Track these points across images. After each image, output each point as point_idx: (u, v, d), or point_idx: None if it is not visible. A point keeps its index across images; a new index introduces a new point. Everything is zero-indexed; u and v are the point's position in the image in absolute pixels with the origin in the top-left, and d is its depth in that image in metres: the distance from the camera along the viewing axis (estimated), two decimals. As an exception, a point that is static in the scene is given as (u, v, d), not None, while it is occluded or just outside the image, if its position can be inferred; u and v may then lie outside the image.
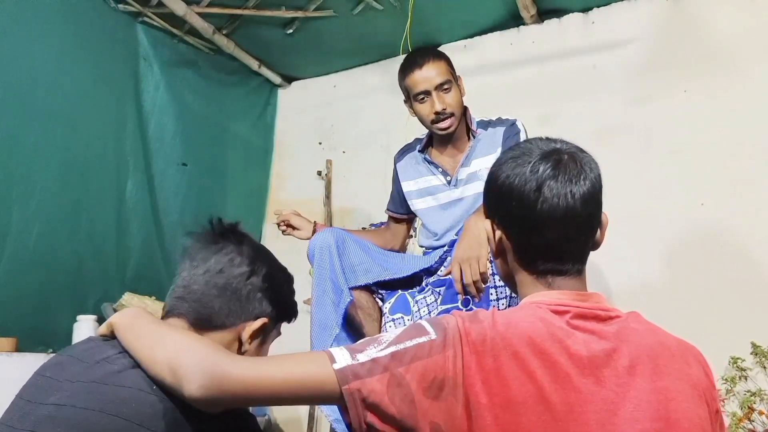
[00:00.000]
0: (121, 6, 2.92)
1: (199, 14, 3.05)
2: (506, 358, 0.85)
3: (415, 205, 2.11)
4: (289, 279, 1.18)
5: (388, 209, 2.24)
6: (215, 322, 1.04)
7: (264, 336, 1.10)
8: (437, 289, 1.86)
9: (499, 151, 1.96)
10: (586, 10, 2.98)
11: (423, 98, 1.95)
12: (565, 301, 0.95)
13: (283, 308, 1.14)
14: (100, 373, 0.93)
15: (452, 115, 1.94)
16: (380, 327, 1.91)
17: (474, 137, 2.01)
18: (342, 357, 0.88)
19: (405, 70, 1.98)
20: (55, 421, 0.89)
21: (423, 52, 2.00)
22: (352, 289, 1.87)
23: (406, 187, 2.12)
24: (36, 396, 0.96)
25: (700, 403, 0.91)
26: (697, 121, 2.62)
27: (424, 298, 1.88)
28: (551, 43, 3.03)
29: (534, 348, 0.86)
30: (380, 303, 1.95)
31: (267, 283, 1.09)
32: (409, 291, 1.93)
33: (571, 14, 3.01)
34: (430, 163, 2.06)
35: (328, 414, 1.80)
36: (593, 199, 0.97)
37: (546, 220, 0.95)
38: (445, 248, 1.95)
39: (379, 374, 0.86)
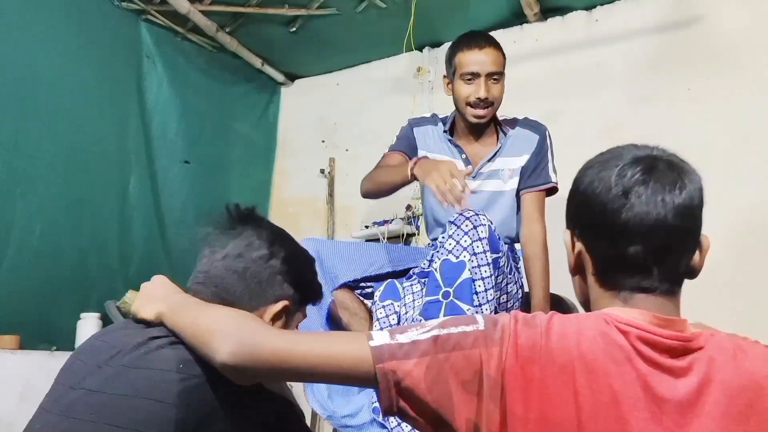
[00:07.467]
0: (124, 4, 2.92)
1: (203, 12, 3.05)
2: (552, 371, 0.78)
3: None
4: (309, 261, 1.17)
5: (393, 149, 2.07)
6: (236, 306, 1.04)
7: (287, 319, 1.10)
8: (422, 280, 1.85)
9: (525, 158, 1.95)
10: (589, 8, 2.97)
11: (470, 80, 1.90)
12: (640, 323, 0.82)
13: (305, 290, 1.13)
14: (129, 358, 0.94)
15: (491, 105, 1.92)
16: (370, 325, 1.90)
17: (505, 134, 1.99)
18: (380, 336, 0.84)
19: (461, 46, 1.93)
20: (87, 406, 0.89)
21: (485, 36, 1.96)
22: (334, 290, 1.87)
23: (422, 154, 2.02)
24: (69, 380, 0.97)
25: None
26: (701, 119, 2.61)
27: (411, 285, 1.86)
28: (555, 42, 3.02)
29: (585, 366, 0.78)
30: (368, 302, 1.94)
31: (287, 265, 1.08)
32: (398, 279, 1.93)
33: (574, 12, 3.00)
34: (455, 145, 2.01)
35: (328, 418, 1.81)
36: (690, 213, 0.86)
37: (632, 229, 0.84)
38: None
39: (417, 358, 0.81)
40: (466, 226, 1.64)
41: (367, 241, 3.04)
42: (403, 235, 3.12)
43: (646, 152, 0.89)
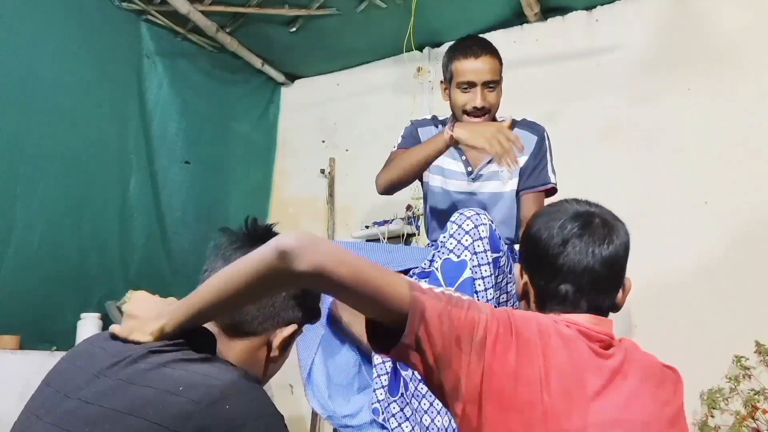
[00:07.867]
0: (124, 4, 2.93)
1: (203, 12, 3.05)
2: (520, 341, 0.97)
3: (426, 176, 2.06)
4: None
5: (401, 147, 2.07)
6: (247, 328, 1.03)
7: (291, 340, 1.10)
8: (423, 280, 1.85)
9: (523, 159, 1.94)
10: (590, 8, 2.97)
11: (466, 88, 1.91)
12: (579, 321, 1.05)
13: (312, 314, 1.14)
14: (128, 372, 0.91)
15: (488, 113, 1.92)
16: None
17: None
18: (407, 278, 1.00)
19: (457, 54, 1.93)
20: (81, 419, 0.87)
21: (482, 43, 1.95)
22: None
23: None
24: (65, 386, 0.94)
25: (671, 413, 1.04)
26: (701, 119, 2.62)
27: None
28: (555, 42, 3.02)
29: (543, 342, 0.98)
30: None
31: (301, 290, 1.08)
32: None
33: (575, 12, 3.01)
34: (455, 147, 1.98)
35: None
36: (615, 263, 1.07)
37: (565, 272, 1.06)
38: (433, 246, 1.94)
39: (436, 301, 0.96)
40: (467, 225, 1.64)
41: (367, 241, 3.04)
42: (403, 235, 3.12)
43: (585, 208, 1.10)
